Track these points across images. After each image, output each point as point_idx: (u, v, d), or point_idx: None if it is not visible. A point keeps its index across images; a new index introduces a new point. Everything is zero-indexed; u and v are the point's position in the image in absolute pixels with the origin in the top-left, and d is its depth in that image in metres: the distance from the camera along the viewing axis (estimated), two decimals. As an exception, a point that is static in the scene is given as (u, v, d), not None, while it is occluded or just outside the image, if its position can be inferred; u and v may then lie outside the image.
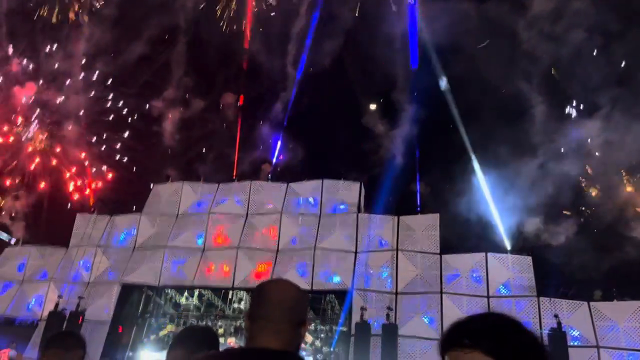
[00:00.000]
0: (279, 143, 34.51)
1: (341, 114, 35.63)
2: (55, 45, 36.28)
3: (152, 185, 28.32)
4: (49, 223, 31.79)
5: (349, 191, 25.88)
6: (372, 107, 32.79)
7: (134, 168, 37.29)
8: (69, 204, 35.43)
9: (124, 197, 31.80)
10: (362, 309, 20.73)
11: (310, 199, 26.10)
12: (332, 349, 22.82)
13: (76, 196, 35.64)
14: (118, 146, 38.21)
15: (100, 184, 36.43)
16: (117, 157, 37.93)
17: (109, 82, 37.35)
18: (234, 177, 28.62)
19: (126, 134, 38.09)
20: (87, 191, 35.86)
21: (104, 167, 36.84)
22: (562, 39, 29.01)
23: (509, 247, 23.83)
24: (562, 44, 29.05)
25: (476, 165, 29.13)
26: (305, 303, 2.49)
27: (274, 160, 33.78)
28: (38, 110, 36.62)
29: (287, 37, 36.94)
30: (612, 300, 20.76)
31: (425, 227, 23.88)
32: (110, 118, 37.98)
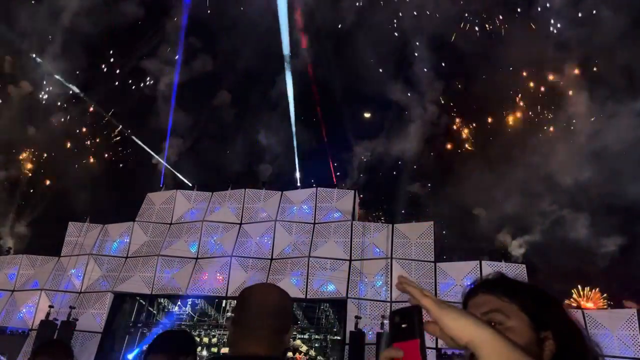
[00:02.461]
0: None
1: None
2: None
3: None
4: (42, 230, 31.54)
5: (344, 199, 25.83)
6: (367, 115, 32.81)
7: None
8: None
9: (118, 205, 31.62)
10: (357, 317, 20.60)
11: (305, 207, 26.02)
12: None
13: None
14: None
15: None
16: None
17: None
18: (228, 185, 28.44)
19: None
20: None
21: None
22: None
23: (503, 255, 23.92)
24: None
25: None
26: (288, 308, 2.38)
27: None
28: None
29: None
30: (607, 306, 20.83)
31: (419, 234, 23.84)
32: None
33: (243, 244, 25.02)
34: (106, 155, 37.92)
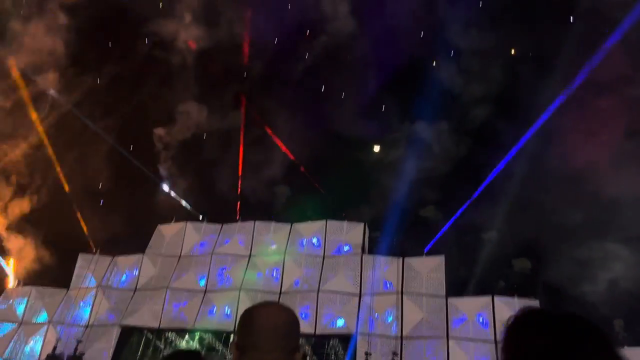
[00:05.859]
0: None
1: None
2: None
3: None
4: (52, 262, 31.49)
5: (353, 232, 25.67)
6: (376, 148, 32.88)
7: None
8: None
9: (128, 237, 31.51)
10: (367, 354, 20.22)
11: (314, 240, 25.87)
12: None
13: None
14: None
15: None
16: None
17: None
18: (237, 218, 28.41)
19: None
20: None
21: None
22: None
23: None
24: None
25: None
26: (297, 328, 2.22)
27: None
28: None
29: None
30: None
31: (430, 269, 23.53)
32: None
33: (252, 277, 24.85)
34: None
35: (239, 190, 33.01)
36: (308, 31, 35.64)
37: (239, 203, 30.86)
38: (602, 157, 27.42)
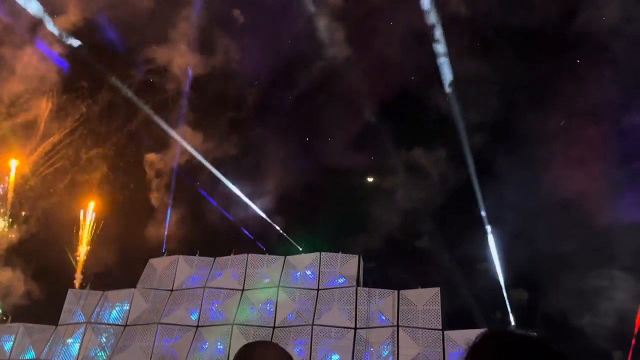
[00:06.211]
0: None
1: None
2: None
3: None
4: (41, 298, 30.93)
5: (348, 264, 25.41)
6: (370, 179, 32.90)
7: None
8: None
9: (119, 271, 31.06)
10: (363, 390, 19.76)
11: (308, 272, 25.57)
12: None
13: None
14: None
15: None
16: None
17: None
18: (230, 250, 28.10)
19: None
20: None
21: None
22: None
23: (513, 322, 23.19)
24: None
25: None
26: None
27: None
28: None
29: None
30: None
31: (426, 301, 23.23)
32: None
33: (245, 311, 24.42)
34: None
35: (232, 221, 32.81)
36: (303, 59, 35.93)
37: (231, 235, 30.61)
38: (597, 185, 27.56)
